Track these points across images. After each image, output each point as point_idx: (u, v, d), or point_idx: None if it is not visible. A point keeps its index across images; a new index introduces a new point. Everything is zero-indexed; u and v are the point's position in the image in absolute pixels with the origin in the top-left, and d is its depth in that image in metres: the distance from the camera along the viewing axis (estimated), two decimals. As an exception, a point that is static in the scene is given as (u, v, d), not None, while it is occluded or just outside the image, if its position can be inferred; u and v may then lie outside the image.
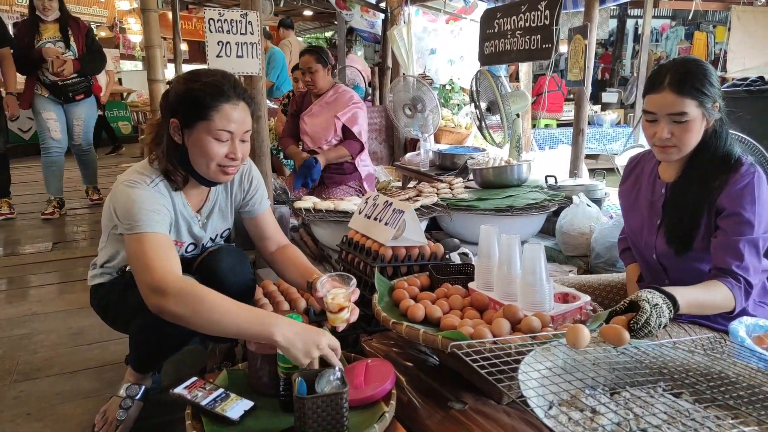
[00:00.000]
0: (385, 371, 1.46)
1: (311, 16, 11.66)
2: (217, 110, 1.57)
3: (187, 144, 1.62)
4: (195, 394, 1.38)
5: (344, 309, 1.55)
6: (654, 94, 1.58)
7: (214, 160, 1.61)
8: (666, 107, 1.56)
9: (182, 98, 1.59)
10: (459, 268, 1.98)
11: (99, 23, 13.20)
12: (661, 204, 1.71)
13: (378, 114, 5.37)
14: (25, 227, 4.67)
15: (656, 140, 1.61)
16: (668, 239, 1.66)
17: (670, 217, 1.67)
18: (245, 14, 2.56)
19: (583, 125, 3.40)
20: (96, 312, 1.89)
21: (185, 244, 1.78)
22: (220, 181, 1.71)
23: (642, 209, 1.79)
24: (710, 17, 12.38)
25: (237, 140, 1.62)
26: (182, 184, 1.69)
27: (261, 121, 2.79)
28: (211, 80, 1.59)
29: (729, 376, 1.18)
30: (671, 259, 1.68)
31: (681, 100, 1.53)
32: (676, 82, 1.54)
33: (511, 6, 3.59)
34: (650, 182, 1.78)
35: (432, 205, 2.94)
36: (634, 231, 1.83)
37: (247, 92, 1.67)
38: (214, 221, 1.85)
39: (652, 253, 1.74)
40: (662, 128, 1.57)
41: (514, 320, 1.48)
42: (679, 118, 1.55)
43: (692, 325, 1.68)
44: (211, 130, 1.58)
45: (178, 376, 2.05)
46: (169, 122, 1.62)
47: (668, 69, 1.58)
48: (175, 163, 1.65)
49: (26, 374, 2.26)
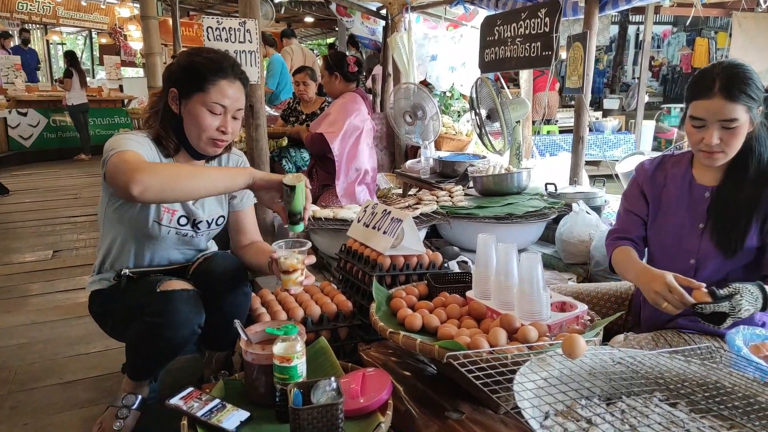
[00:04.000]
0: (381, 381, 1.45)
1: (312, 22, 11.71)
2: (214, 84, 1.67)
3: (183, 113, 1.71)
4: (191, 405, 1.37)
5: (297, 270, 1.61)
6: (703, 100, 1.56)
7: (206, 131, 1.70)
8: (717, 114, 1.54)
9: (183, 69, 1.70)
10: (457, 277, 1.98)
11: (100, 30, 13.29)
12: (705, 208, 1.69)
13: (379, 121, 5.37)
14: (25, 235, 4.67)
15: (703, 146, 1.59)
16: (718, 243, 1.65)
17: (721, 222, 1.65)
18: (243, 22, 2.57)
19: (583, 133, 3.40)
20: (94, 319, 1.90)
21: (177, 213, 1.80)
22: (209, 153, 1.78)
23: (678, 214, 1.75)
24: (711, 23, 12.41)
25: (229, 115, 1.72)
26: (173, 152, 1.76)
27: (260, 129, 2.80)
28: (212, 56, 1.71)
29: (725, 386, 1.18)
30: (713, 260, 1.67)
31: (732, 107, 1.52)
32: (726, 88, 1.52)
33: (511, 13, 3.60)
34: (685, 186, 1.75)
35: (432, 213, 2.94)
36: (665, 236, 1.78)
37: (244, 74, 1.78)
38: (207, 201, 1.88)
39: (690, 257, 1.70)
40: (711, 134, 1.56)
41: (510, 329, 1.48)
42: (729, 124, 1.54)
43: (692, 334, 1.67)
44: (206, 102, 1.67)
45: (175, 385, 2.04)
46: (169, 91, 1.71)
47: (716, 74, 1.55)
48: (169, 131, 1.74)
49: (23, 384, 2.25)
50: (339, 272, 2.30)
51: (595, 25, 3.26)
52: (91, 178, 7.43)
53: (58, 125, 9.13)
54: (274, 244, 1.69)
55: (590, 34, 3.20)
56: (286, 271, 1.60)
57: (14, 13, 11.15)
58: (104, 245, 1.83)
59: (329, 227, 2.76)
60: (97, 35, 14.21)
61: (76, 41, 16.84)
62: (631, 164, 4.97)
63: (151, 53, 4.21)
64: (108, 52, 12.93)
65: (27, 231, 4.80)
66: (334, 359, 1.60)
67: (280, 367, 1.37)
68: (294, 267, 1.60)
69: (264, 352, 1.44)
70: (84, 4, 11.87)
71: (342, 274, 2.27)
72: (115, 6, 10.26)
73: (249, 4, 2.60)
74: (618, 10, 3.44)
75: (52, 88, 9.55)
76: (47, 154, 8.93)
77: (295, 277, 1.61)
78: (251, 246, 2.00)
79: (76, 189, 6.63)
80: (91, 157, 8.91)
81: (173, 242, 1.84)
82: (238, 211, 2.00)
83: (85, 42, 15.96)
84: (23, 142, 8.80)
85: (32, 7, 11.34)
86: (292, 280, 1.61)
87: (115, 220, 1.77)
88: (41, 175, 7.66)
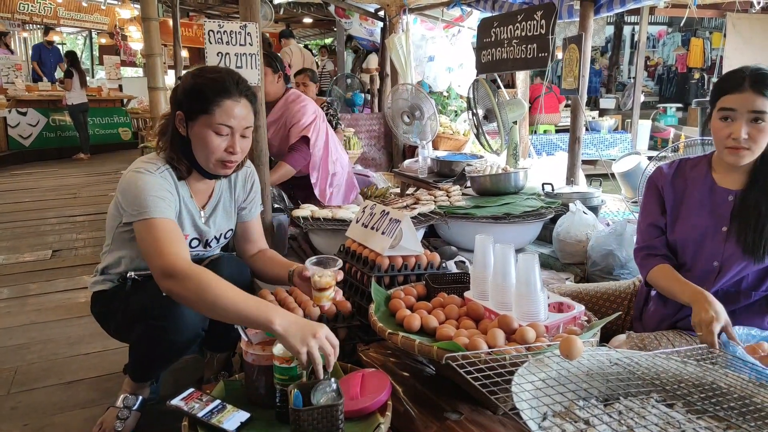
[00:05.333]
0: (381, 382, 1.46)
1: (311, 23, 11.72)
2: (218, 105, 1.64)
3: (190, 136, 1.70)
4: (192, 405, 1.38)
5: (330, 288, 1.69)
6: (734, 94, 1.61)
7: (214, 153, 1.67)
8: (747, 105, 1.58)
9: (188, 91, 1.68)
10: (455, 277, 1.99)
11: (100, 30, 13.28)
12: (729, 212, 1.71)
13: (377, 121, 5.39)
14: (24, 234, 4.68)
15: (730, 141, 1.62)
16: (744, 247, 1.67)
17: (746, 226, 1.67)
18: (244, 26, 2.57)
19: (579, 133, 3.42)
20: (96, 320, 1.90)
21: (189, 237, 1.81)
22: (220, 174, 1.77)
23: (699, 217, 1.76)
24: (706, 24, 12.45)
25: (237, 135, 1.69)
26: (186, 174, 1.76)
27: (260, 131, 2.80)
28: (216, 76, 1.68)
29: (721, 387, 1.19)
30: (737, 263, 1.69)
31: (762, 100, 1.57)
32: (757, 83, 1.58)
33: (507, 15, 3.62)
34: (707, 189, 1.77)
35: (429, 213, 2.95)
36: (686, 239, 1.79)
37: (250, 90, 1.75)
38: (217, 218, 1.88)
39: (713, 260, 1.72)
40: (739, 127, 1.60)
41: (508, 330, 1.49)
42: (759, 116, 1.58)
43: (693, 335, 1.68)
44: (211, 124, 1.65)
45: (175, 385, 2.06)
46: (176, 114, 1.70)
47: (746, 72, 1.62)
48: (179, 154, 1.72)
49: (24, 384, 2.26)
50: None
51: (590, 28, 3.27)
52: (90, 177, 7.44)
53: (57, 125, 9.13)
54: (307, 262, 1.74)
55: (585, 36, 3.22)
56: (320, 289, 1.68)
57: (15, 13, 11.15)
58: (112, 255, 1.82)
59: (328, 227, 2.77)
60: (97, 35, 14.20)
61: (76, 41, 16.82)
62: (627, 164, 5.00)
63: (152, 54, 4.23)
64: (108, 52, 12.93)
65: (26, 230, 4.80)
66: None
67: (281, 368, 1.38)
68: (329, 285, 1.69)
69: (264, 353, 1.45)
70: (85, 5, 11.86)
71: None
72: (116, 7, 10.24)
73: (250, 7, 2.61)
74: (613, 13, 3.46)
75: (52, 87, 9.55)
76: (46, 153, 8.93)
77: (328, 294, 1.70)
78: (261, 255, 2.00)
79: (75, 188, 6.63)
80: (90, 157, 8.92)
81: None
82: (246, 221, 2.00)
83: (85, 42, 15.95)
84: (23, 141, 8.80)
85: (33, 8, 11.34)
86: (326, 296, 1.70)
87: (126, 240, 1.76)
88: (40, 175, 7.66)
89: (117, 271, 1.82)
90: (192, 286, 1.44)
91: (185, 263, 1.50)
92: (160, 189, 1.63)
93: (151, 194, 1.60)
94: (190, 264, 1.51)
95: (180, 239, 1.60)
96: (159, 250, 1.52)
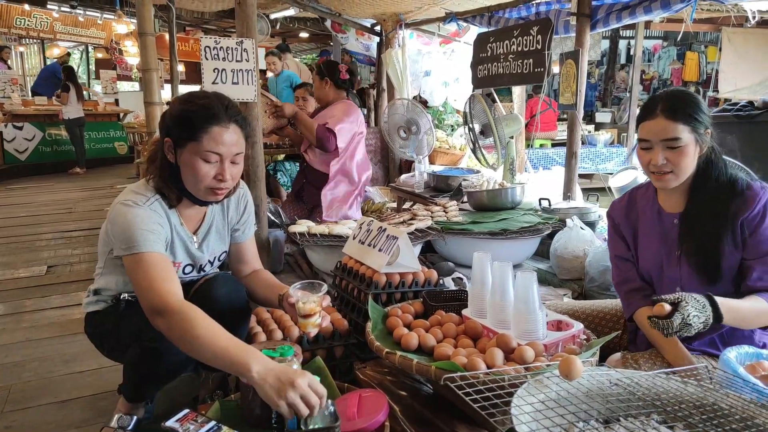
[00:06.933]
0: (378, 402, 1.45)
1: (307, 37, 11.78)
2: (206, 132, 1.60)
3: (179, 163, 1.66)
4: (187, 427, 1.36)
5: (316, 314, 1.60)
6: (647, 121, 1.62)
7: (203, 181, 1.63)
8: (660, 133, 1.59)
9: (176, 118, 1.64)
10: (453, 294, 1.99)
11: (96, 45, 13.31)
12: (676, 235, 1.71)
13: (373, 135, 5.40)
14: (19, 250, 4.65)
15: (652, 167, 1.63)
16: (696, 270, 1.65)
17: (691, 248, 1.66)
18: (241, 42, 2.59)
19: (575, 148, 3.43)
20: (90, 340, 1.88)
21: (182, 264, 1.79)
22: (210, 201, 1.74)
23: (654, 245, 1.76)
24: (701, 38, 12.54)
25: (227, 162, 1.65)
26: (176, 202, 1.72)
27: (256, 147, 2.81)
28: (204, 102, 1.63)
29: (722, 408, 1.18)
30: (698, 287, 1.65)
31: (674, 126, 1.57)
32: (668, 109, 1.58)
33: (503, 31, 3.65)
34: (654, 215, 1.77)
35: (426, 229, 2.95)
36: (649, 268, 1.78)
37: (240, 114, 1.70)
38: (211, 242, 1.86)
39: (675, 286, 1.70)
40: (657, 154, 1.60)
41: (507, 349, 1.48)
42: (673, 144, 1.58)
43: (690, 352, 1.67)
44: (199, 151, 1.61)
45: (171, 404, 2.03)
46: (164, 141, 1.66)
47: (660, 98, 1.62)
48: (168, 182, 1.69)
49: (18, 403, 2.23)
50: (335, 289, 2.30)
51: (586, 43, 3.30)
52: (85, 191, 7.42)
53: (53, 139, 9.12)
54: (291, 288, 1.67)
55: (582, 51, 3.24)
56: (305, 315, 1.60)
57: (12, 28, 11.17)
58: (105, 279, 1.80)
59: (325, 243, 2.76)
60: (93, 50, 14.23)
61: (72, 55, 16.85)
62: (624, 179, 5.00)
63: (148, 69, 4.22)
64: (104, 66, 12.94)
65: (21, 246, 4.77)
66: (331, 380, 1.60)
67: (277, 389, 1.36)
68: (313, 311, 1.60)
69: (260, 373, 1.43)
70: (81, 20, 11.89)
71: (338, 292, 2.27)
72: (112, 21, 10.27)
73: (246, 24, 2.62)
74: (609, 29, 3.49)
75: (48, 101, 9.55)
76: (42, 167, 8.91)
77: (314, 320, 1.61)
78: (255, 276, 1.96)
79: (71, 203, 6.60)
80: (86, 171, 8.91)
81: None
82: (239, 242, 1.96)
83: (81, 56, 15.98)
84: (18, 155, 8.78)
85: (30, 23, 11.36)
86: (311, 323, 1.61)
87: (118, 265, 1.72)
88: (36, 189, 7.64)
89: (110, 293, 1.80)
90: (176, 325, 1.42)
91: (174, 300, 1.48)
92: (149, 222, 1.60)
93: (140, 228, 1.57)
94: (180, 301, 1.49)
95: (169, 274, 1.56)
96: (148, 286, 1.50)
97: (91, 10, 10.72)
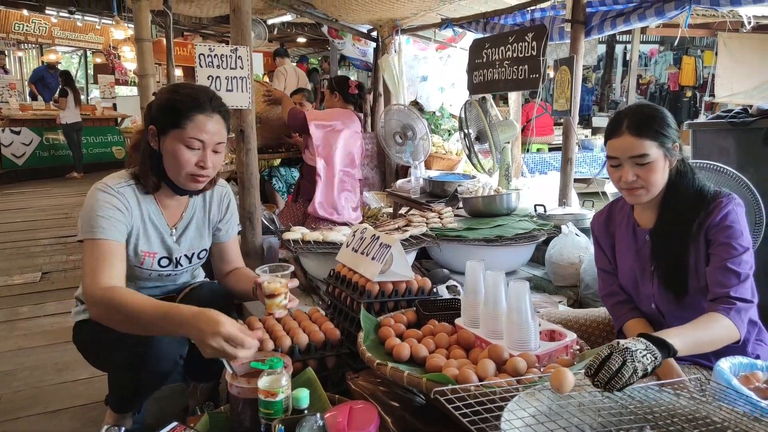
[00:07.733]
0: (368, 415, 1.43)
1: (305, 42, 11.78)
2: (190, 119, 1.65)
3: (162, 150, 1.69)
4: (175, 440, 1.35)
5: (281, 294, 1.64)
6: (614, 139, 1.61)
7: (185, 167, 1.67)
8: (627, 150, 1.58)
9: (161, 106, 1.69)
10: (446, 303, 1.97)
11: (94, 50, 13.31)
12: (648, 251, 1.70)
13: (369, 140, 5.38)
14: (15, 256, 4.63)
15: (622, 183, 1.62)
16: (665, 285, 1.64)
17: (661, 263, 1.65)
18: (235, 49, 2.58)
19: (571, 154, 3.42)
20: (78, 350, 1.87)
21: (157, 255, 1.80)
22: (191, 188, 1.76)
23: (630, 260, 1.75)
24: (698, 42, 12.58)
25: (208, 150, 1.69)
26: (153, 189, 1.75)
27: (250, 154, 2.79)
28: (189, 92, 1.70)
29: (715, 422, 1.17)
30: (670, 304, 1.66)
31: (641, 143, 1.56)
32: (633, 126, 1.57)
33: (499, 37, 3.64)
34: (630, 231, 1.76)
35: (421, 235, 2.93)
36: (627, 283, 1.78)
37: (224, 106, 1.76)
38: (189, 236, 1.86)
39: (650, 302, 1.70)
40: (626, 171, 1.59)
41: (499, 361, 1.47)
42: (641, 160, 1.57)
43: (682, 364, 1.66)
44: (183, 138, 1.65)
45: (160, 414, 2.03)
46: (148, 129, 1.70)
47: (625, 115, 1.61)
48: (148, 168, 1.72)
49: (9, 413, 2.22)
50: (328, 297, 2.28)
51: (581, 49, 3.29)
52: (83, 197, 7.35)
53: (51, 143, 9.11)
54: (257, 269, 1.70)
55: (576, 58, 3.23)
56: (269, 295, 1.64)
57: (10, 33, 11.17)
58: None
59: (318, 251, 2.75)
60: (91, 54, 14.23)
61: (70, 60, 16.86)
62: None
63: (145, 75, 4.22)
64: (102, 71, 12.96)
65: (17, 252, 4.76)
66: (321, 391, 1.58)
67: (265, 401, 1.35)
68: (278, 291, 1.64)
69: (249, 385, 1.42)
70: (80, 25, 11.89)
71: (331, 300, 2.25)
72: (110, 27, 10.26)
73: (241, 31, 2.61)
74: (604, 35, 3.48)
75: (46, 106, 9.55)
76: (40, 172, 8.91)
77: (279, 301, 1.65)
78: (234, 273, 1.99)
79: (67, 208, 6.59)
80: (84, 175, 8.90)
81: (156, 280, 1.83)
82: (222, 242, 1.98)
83: (79, 61, 15.99)
84: (15, 160, 8.77)
85: (28, 28, 11.36)
86: (276, 303, 1.65)
87: None
88: (33, 194, 7.63)
89: None
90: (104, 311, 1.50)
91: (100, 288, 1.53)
92: (107, 207, 1.63)
93: (96, 214, 1.61)
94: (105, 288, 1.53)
95: (107, 263, 1.58)
96: (85, 272, 1.57)
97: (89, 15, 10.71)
